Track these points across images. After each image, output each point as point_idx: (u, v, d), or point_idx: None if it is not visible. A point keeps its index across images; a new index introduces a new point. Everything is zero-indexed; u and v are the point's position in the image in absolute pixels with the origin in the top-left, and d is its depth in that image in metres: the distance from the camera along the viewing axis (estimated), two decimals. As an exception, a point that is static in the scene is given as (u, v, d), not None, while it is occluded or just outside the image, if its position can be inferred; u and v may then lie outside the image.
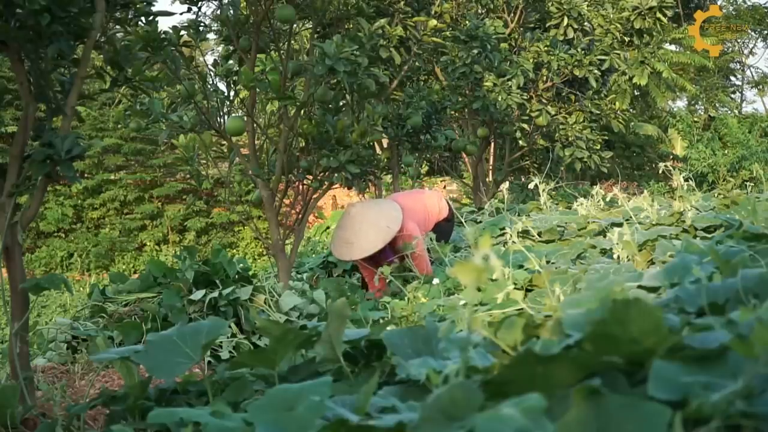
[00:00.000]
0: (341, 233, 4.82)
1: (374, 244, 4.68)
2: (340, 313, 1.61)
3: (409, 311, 3.60)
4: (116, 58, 2.53)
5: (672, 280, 2.19)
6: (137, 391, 1.84)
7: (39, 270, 16.09)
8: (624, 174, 15.54)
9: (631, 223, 4.62)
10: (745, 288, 1.51)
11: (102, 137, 16.97)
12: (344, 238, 4.77)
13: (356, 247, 4.72)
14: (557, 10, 8.50)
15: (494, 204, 6.78)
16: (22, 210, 2.35)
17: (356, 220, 4.79)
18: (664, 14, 8.81)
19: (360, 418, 1.13)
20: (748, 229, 3.16)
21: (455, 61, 7.39)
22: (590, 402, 0.91)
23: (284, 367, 1.69)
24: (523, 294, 3.38)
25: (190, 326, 1.84)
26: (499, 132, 8.65)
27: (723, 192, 6.81)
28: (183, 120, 5.18)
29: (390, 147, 6.66)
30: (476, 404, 0.96)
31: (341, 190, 5.84)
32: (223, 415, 1.37)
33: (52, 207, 17.02)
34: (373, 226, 4.72)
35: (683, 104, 21.95)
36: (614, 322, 1.06)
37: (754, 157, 13.26)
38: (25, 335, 2.34)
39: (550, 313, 2.57)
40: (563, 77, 8.36)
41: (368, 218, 4.76)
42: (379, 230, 4.70)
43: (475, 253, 0.97)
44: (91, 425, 2.15)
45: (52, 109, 2.40)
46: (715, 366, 1.02)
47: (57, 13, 2.18)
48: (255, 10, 5.27)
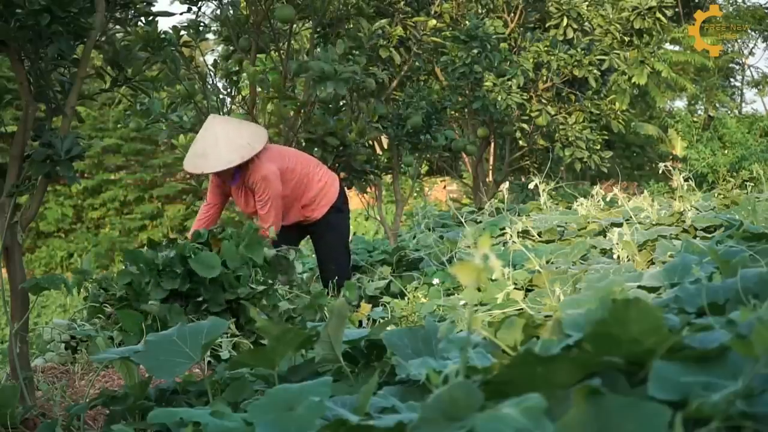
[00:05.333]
0: (196, 145, 4.26)
1: (229, 158, 4.11)
2: (340, 312, 1.61)
3: (409, 311, 3.60)
4: (116, 58, 2.53)
5: (672, 280, 2.20)
6: (137, 391, 1.84)
7: (39, 270, 16.11)
8: (624, 174, 15.54)
9: (631, 223, 4.62)
10: (745, 288, 1.51)
11: (102, 137, 16.99)
12: (198, 151, 4.21)
13: (211, 159, 4.15)
14: (556, 10, 8.51)
15: (494, 204, 6.78)
16: (22, 210, 2.35)
17: (215, 131, 4.22)
18: (664, 14, 8.82)
19: (360, 418, 1.13)
20: (748, 229, 3.17)
21: (455, 61, 7.39)
22: (590, 402, 0.91)
23: (284, 367, 1.70)
24: (523, 294, 3.38)
25: (190, 326, 1.84)
26: (499, 132, 8.65)
27: (723, 192, 6.80)
28: (183, 120, 5.19)
29: (390, 147, 6.65)
30: (476, 404, 0.96)
31: (341, 190, 5.82)
32: (223, 415, 1.37)
33: (52, 207, 17.04)
34: (233, 141, 4.17)
35: (683, 104, 21.97)
36: (614, 322, 1.06)
37: (753, 157, 13.26)
38: (25, 335, 2.34)
39: (550, 313, 2.57)
40: (563, 77, 8.36)
41: (228, 131, 4.22)
42: (238, 146, 4.15)
43: (475, 253, 0.97)
44: (91, 425, 2.15)
45: (52, 109, 2.40)
46: (715, 366, 1.02)
47: (57, 13, 2.18)
48: (255, 10, 5.27)
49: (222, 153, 4.11)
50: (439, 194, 15.97)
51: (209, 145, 4.15)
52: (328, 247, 4.52)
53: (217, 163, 4.13)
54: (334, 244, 4.53)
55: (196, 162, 4.22)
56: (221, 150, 4.11)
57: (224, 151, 4.11)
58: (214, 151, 4.12)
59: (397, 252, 5.40)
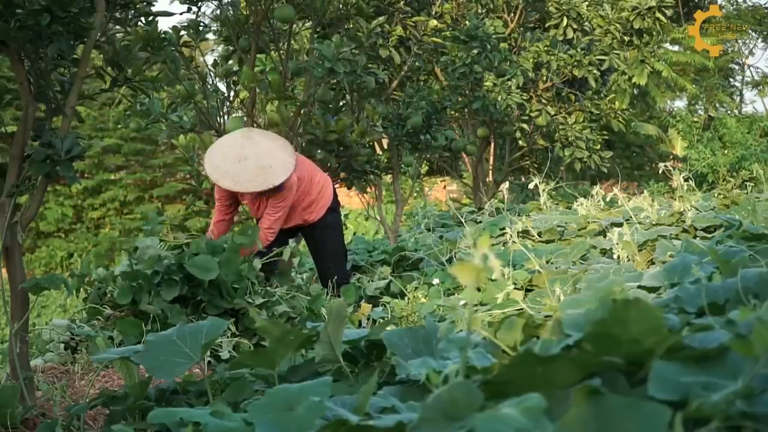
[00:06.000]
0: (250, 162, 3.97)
1: (288, 162, 4.02)
2: (339, 313, 1.61)
3: (409, 311, 3.60)
4: (116, 58, 2.53)
5: (672, 280, 2.20)
6: (137, 391, 1.84)
7: (39, 270, 16.10)
8: (624, 174, 15.53)
9: (631, 223, 4.62)
10: (745, 288, 1.51)
11: (102, 137, 16.98)
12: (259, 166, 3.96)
13: (277, 169, 3.98)
14: (556, 10, 8.51)
15: (494, 204, 6.78)
16: (22, 210, 2.35)
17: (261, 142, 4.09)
18: (664, 14, 8.83)
19: (360, 418, 1.13)
20: (748, 229, 3.17)
21: (455, 61, 7.39)
22: (590, 402, 0.91)
23: (284, 367, 1.70)
24: (523, 294, 3.39)
25: (190, 326, 1.84)
26: (499, 132, 8.65)
27: (723, 192, 6.81)
28: (183, 120, 5.19)
29: (390, 147, 6.65)
30: (476, 404, 0.96)
31: (341, 189, 5.81)
32: (223, 415, 1.37)
33: (52, 207, 17.04)
34: (279, 146, 4.10)
35: (683, 104, 21.97)
36: (614, 322, 1.06)
37: (753, 157, 13.26)
38: (25, 335, 2.34)
39: (550, 313, 2.57)
40: (563, 77, 8.36)
41: (270, 138, 4.16)
42: (284, 148, 4.09)
43: (474, 253, 0.97)
44: (91, 425, 2.15)
45: (52, 109, 2.40)
46: (715, 366, 1.02)
47: (57, 13, 2.18)
48: (255, 10, 5.27)
49: (281, 159, 4.03)
50: (439, 194, 15.98)
51: (267, 157, 4.02)
52: (327, 248, 4.52)
53: (283, 170, 4.01)
54: (332, 243, 4.53)
55: (264, 178, 3.97)
56: (279, 157, 4.04)
57: (281, 156, 4.05)
58: (275, 160, 4.02)
59: (397, 252, 5.40)
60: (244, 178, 3.96)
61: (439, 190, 16.16)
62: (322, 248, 4.54)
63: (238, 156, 3.99)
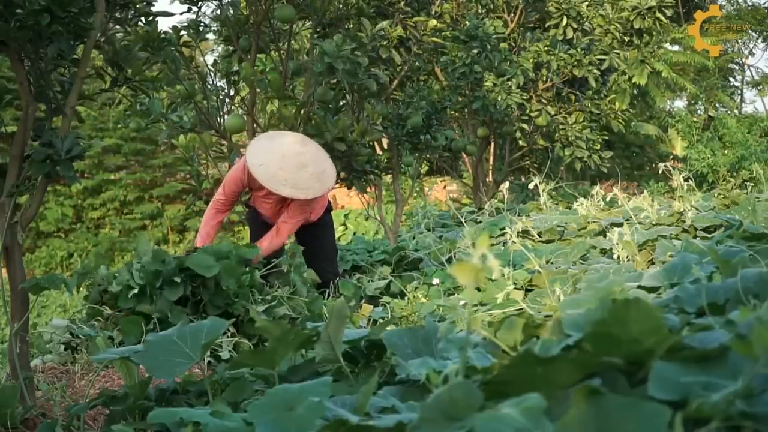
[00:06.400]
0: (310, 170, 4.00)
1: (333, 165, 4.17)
2: (340, 313, 1.61)
3: (409, 311, 3.60)
4: (116, 58, 2.53)
5: (672, 280, 2.20)
6: (137, 391, 1.84)
7: (39, 270, 16.10)
8: (624, 174, 15.54)
9: (631, 223, 4.62)
10: (745, 288, 1.51)
11: (102, 137, 16.98)
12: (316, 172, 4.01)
13: (330, 170, 4.10)
14: (556, 9, 8.51)
15: (494, 204, 6.78)
16: (22, 210, 2.35)
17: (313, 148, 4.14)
18: (664, 14, 8.82)
19: (360, 418, 1.13)
20: (748, 229, 3.17)
21: (455, 61, 7.39)
22: (590, 402, 0.91)
23: (284, 367, 1.70)
24: (523, 294, 3.39)
25: (190, 326, 1.84)
26: (499, 132, 8.65)
27: (723, 192, 6.81)
28: (183, 120, 5.19)
29: (390, 147, 6.66)
30: (476, 404, 0.96)
31: (341, 189, 5.81)
32: (223, 415, 1.37)
33: (52, 207, 17.04)
34: (323, 151, 4.21)
35: (683, 104, 21.97)
36: (614, 322, 1.06)
37: (753, 157, 13.26)
38: (25, 335, 2.34)
39: (550, 313, 2.57)
40: (563, 77, 8.36)
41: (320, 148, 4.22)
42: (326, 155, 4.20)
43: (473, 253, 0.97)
44: (91, 425, 2.15)
45: (52, 109, 2.40)
46: (715, 366, 1.02)
47: (57, 13, 2.18)
48: (255, 10, 5.27)
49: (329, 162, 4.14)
50: (439, 194, 15.98)
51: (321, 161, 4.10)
52: (324, 247, 4.54)
53: (332, 172, 4.13)
54: (328, 243, 4.59)
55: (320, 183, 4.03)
56: (327, 160, 4.15)
57: (327, 159, 4.16)
58: (326, 163, 4.12)
59: (397, 252, 5.40)
60: (304, 185, 3.97)
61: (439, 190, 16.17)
62: (319, 248, 4.55)
63: (298, 164, 3.99)
